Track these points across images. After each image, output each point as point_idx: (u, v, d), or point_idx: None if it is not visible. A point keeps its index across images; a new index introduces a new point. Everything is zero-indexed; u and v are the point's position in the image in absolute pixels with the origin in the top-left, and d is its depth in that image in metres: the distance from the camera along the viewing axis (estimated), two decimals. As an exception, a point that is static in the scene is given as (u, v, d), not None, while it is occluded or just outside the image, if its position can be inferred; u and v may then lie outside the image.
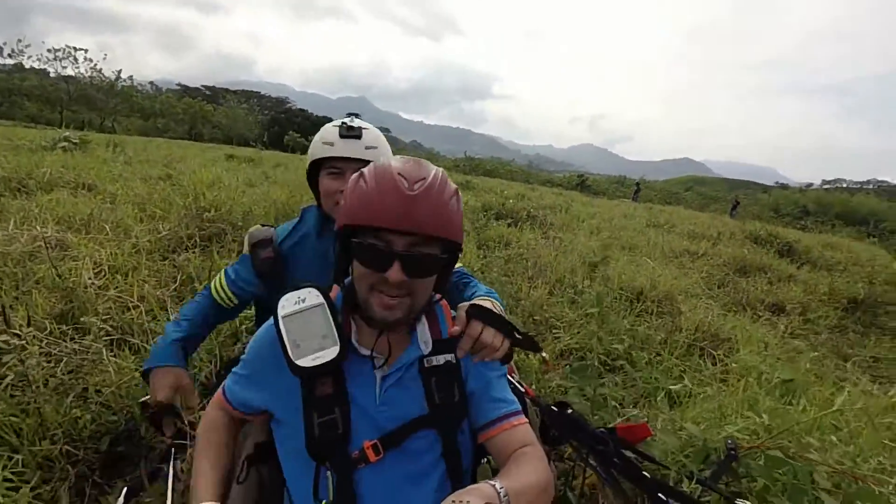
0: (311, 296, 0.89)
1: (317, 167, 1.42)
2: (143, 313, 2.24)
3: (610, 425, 1.36)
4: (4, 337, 1.47)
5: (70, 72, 43.40)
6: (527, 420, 0.97)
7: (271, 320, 0.92)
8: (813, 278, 6.09)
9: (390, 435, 0.88)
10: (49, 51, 43.31)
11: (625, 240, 6.76)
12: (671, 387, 2.01)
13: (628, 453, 1.22)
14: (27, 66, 41.58)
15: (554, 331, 3.02)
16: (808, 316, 4.89)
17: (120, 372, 1.70)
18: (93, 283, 2.34)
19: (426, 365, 0.94)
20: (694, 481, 1.37)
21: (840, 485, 1.31)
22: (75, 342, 1.79)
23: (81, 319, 1.94)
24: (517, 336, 1.06)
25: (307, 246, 1.50)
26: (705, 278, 5.50)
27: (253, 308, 1.88)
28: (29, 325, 1.76)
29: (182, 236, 3.39)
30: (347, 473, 0.86)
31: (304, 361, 0.85)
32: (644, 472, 1.07)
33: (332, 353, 0.86)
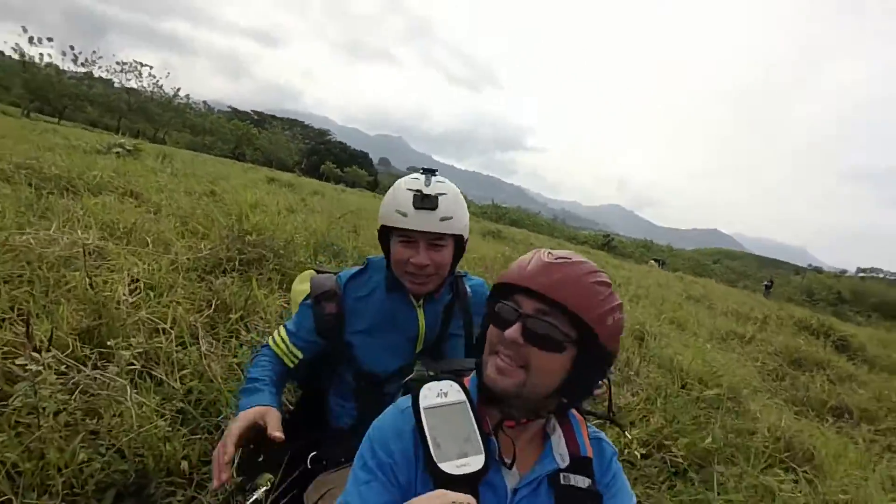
0: (453, 391, 0.84)
1: (388, 228, 1.30)
2: (173, 340, 2.04)
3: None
4: (21, 360, 1.27)
5: (133, 84, 46.59)
6: None
7: (396, 408, 0.88)
8: (876, 382, 5.55)
9: None
10: (118, 63, 46.74)
11: (668, 312, 6.37)
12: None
13: None
14: (96, 76, 44.71)
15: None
16: (877, 426, 4.37)
17: (141, 415, 1.47)
18: (125, 300, 2.17)
19: (562, 482, 0.84)
20: None
21: None
22: (97, 370, 1.59)
23: (108, 343, 1.74)
24: None
25: (374, 300, 1.39)
26: (759, 368, 5.05)
27: None
28: (50, 343, 1.56)
29: (222, 258, 3.25)
30: None
31: (448, 467, 0.75)
32: None
33: (477, 461, 0.77)
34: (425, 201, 1.22)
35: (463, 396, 0.84)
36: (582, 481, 0.85)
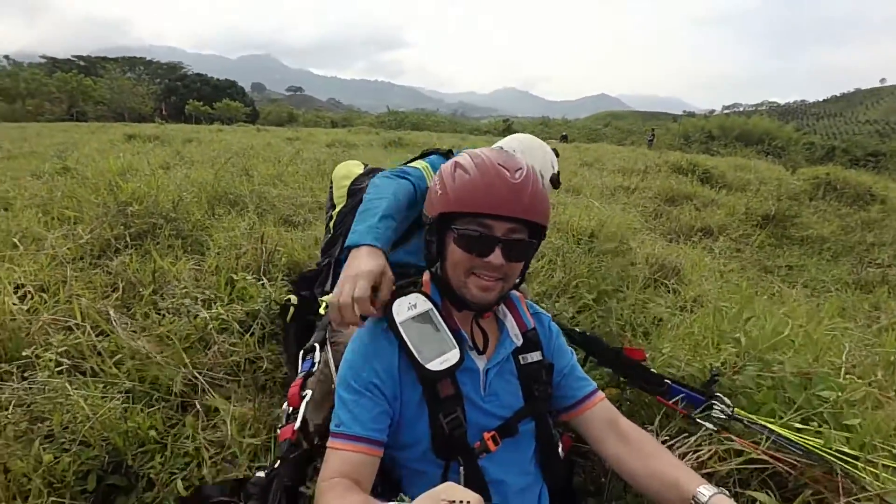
0: (420, 301, 0.95)
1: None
2: (90, 332, 1.99)
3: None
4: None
5: None
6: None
7: (367, 332, 0.96)
8: (731, 201, 6.70)
9: (505, 426, 0.97)
10: None
11: (565, 181, 6.98)
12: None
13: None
14: None
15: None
16: (731, 235, 5.42)
17: (91, 405, 1.52)
18: (19, 308, 2.03)
19: (521, 362, 1.03)
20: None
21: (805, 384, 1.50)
22: (25, 381, 1.57)
23: (24, 354, 1.69)
24: None
25: None
26: (641, 211, 5.87)
27: None
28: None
29: (108, 238, 3.01)
30: (474, 464, 0.92)
31: (434, 366, 0.89)
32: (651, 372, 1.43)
33: (454, 356, 0.91)
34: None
35: (429, 304, 0.95)
36: (535, 356, 1.03)
